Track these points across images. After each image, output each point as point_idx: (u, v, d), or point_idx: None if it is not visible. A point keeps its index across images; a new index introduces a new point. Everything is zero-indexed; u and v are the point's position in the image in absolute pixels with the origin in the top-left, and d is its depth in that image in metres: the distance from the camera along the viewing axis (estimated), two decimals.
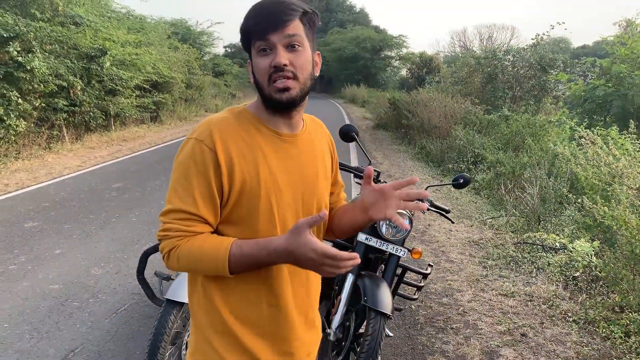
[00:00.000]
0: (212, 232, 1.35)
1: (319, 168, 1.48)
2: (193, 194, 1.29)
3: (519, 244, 5.46)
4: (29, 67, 9.31)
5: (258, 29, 1.30)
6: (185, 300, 2.55)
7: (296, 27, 1.30)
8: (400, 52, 43.97)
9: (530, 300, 4.18)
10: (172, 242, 1.30)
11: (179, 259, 1.29)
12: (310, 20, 1.35)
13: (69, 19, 11.69)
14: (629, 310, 3.76)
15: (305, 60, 1.33)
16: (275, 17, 1.28)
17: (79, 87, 11.28)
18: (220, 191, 1.30)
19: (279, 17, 1.28)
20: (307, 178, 1.43)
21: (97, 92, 12.36)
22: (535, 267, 4.85)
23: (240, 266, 1.28)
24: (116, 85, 12.94)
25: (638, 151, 4.92)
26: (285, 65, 1.29)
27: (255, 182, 1.32)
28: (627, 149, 5.23)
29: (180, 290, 2.58)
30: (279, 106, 1.34)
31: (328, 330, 2.79)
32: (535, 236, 5.31)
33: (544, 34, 15.06)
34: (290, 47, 1.30)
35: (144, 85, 14.97)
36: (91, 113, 12.19)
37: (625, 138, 5.88)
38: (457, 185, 3.11)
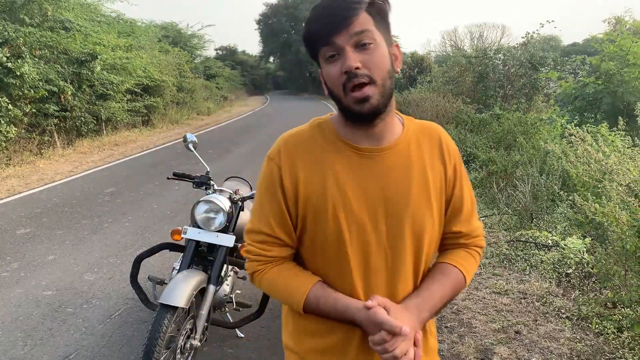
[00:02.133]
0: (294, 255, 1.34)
1: (415, 185, 1.24)
2: (267, 214, 1.27)
3: (512, 242, 5.49)
4: (18, 73, 9.26)
5: (321, 34, 1.15)
6: (179, 304, 2.55)
7: (364, 22, 1.13)
8: None
9: (524, 298, 4.20)
10: (254, 266, 1.31)
11: (261, 284, 1.33)
12: (380, 9, 1.17)
13: (59, 23, 11.64)
14: (621, 305, 3.78)
15: (380, 57, 1.15)
16: (336, 16, 1.12)
17: (69, 92, 11.23)
18: (289, 212, 1.26)
19: (341, 15, 1.12)
20: (392, 197, 1.22)
21: (88, 97, 12.31)
22: (528, 265, 4.88)
23: (313, 313, 1.26)
24: (107, 90, 12.90)
25: (627, 148, 4.96)
26: (357, 68, 1.12)
27: (322, 201, 1.22)
28: (616, 146, 5.27)
29: (173, 294, 2.57)
30: (360, 118, 1.19)
31: None
32: (528, 234, 5.34)
33: (534, 32, 15.14)
34: (361, 46, 1.13)
35: (135, 89, 14.93)
36: (82, 118, 12.15)
37: (615, 135, 5.92)
38: None
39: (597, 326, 3.65)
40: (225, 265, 3.07)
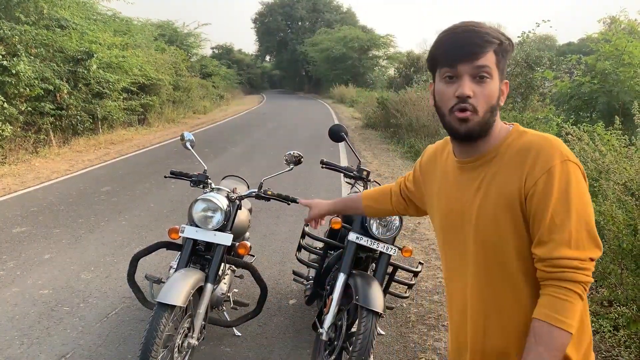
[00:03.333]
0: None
1: (483, 195, 1.33)
2: (409, 172, 1.78)
3: None
4: (14, 71, 9.22)
5: (448, 57, 1.28)
6: (177, 303, 2.55)
7: (487, 59, 1.26)
8: (388, 52, 44.03)
9: None
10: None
11: None
12: (504, 50, 1.30)
13: (54, 22, 11.60)
14: (617, 304, 3.80)
15: (490, 92, 1.28)
16: (467, 49, 1.26)
17: (65, 91, 11.20)
18: (409, 183, 1.75)
19: (470, 49, 1.26)
20: (465, 205, 1.38)
21: (84, 96, 12.27)
22: None
23: None
24: (103, 88, 12.86)
25: (624, 147, 4.97)
26: (468, 97, 1.26)
27: (429, 197, 1.58)
28: (613, 145, 5.28)
29: (171, 293, 2.57)
30: (456, 136, 1.35)
31: (320, 330, 2.80)
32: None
33: (529, 32, 15.15)
34: (478, 77, 1.27)
35: (131, 88, 14.89)
36: (78, 116, 12.11)
37: (611, 134, 5.92)
38: None
39: (593, 324, 3.66)
40: (222, 264, 3.07)
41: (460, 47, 1.27)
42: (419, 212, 1.79)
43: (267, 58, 69.92)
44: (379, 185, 3.65)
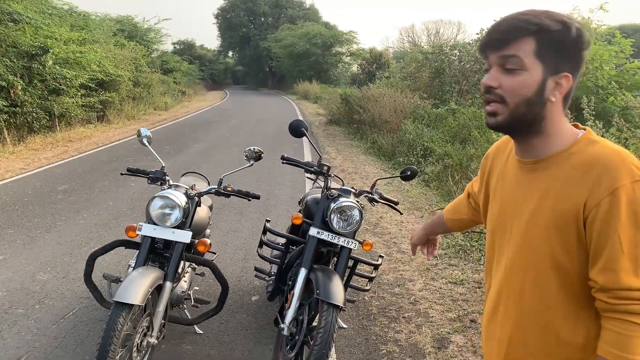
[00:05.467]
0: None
1: (536, 203, 1.23)
2: (475, 180, 1.66)
3: (467, 233, 5.62)
4: None
5: (482, 47, 1.23)
6: (135, 301, 2.51)
7: (519, 47, 1.16)
8: (351, 48, 44.19)
9: (479, 287, 4.32)
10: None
11: None
12: (553, 38, 1.15)
13: (7, 15, 11.20)
14: None
15: (519, 84, 1.17)
16: (496, 35, 1.19)
17: (19, 87, 10.84)
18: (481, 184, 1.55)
19: (499, 35, 1.18)
20: (512, 207, 1.31)
21: (39, 92, 11.89)
22: (482, 255, 5.01)
23: None
24: (60, 85, 12.50)
25: None
26: (492, 87, 1.19)
27: (486, 195, 1.47)
28: None
29: (129, 291, 2.53)
30: (489, 128, 1.29)
31: (282, 325, 2.81)
32: (482, 225, 5.46)
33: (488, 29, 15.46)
34: (506, 69, 1.18)
35: (90, 84, 14.52)
36: (34, 114, 11.73)
37: None
38: (405, 178, 3.18)
39: None
40: (182, 262, 3.04)
41: (494, 34, 1.20)
42: None
43: (230, 54, 69.26)
44: (341, 180, 3.71)
